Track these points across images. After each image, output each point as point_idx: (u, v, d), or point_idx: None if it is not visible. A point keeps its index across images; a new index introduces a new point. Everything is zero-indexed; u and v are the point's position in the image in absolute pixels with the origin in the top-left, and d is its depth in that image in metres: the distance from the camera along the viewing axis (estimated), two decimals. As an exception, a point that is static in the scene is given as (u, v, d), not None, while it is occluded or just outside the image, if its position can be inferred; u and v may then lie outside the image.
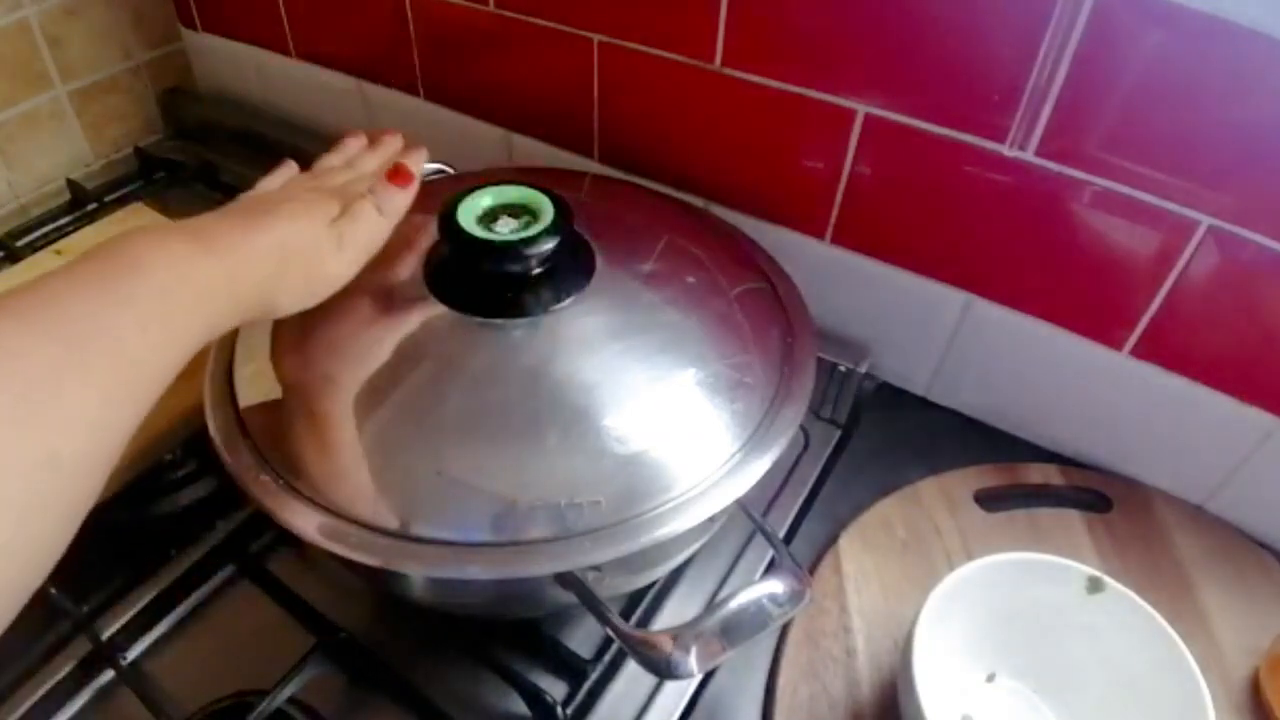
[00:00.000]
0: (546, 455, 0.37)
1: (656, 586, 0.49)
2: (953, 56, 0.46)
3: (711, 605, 0.35)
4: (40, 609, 0.47)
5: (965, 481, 0.55)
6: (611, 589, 0.44)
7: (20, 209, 0.80)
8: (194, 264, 0.32)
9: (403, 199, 0.41)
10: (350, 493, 0.37)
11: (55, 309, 0.28)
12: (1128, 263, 0.48)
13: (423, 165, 0.45)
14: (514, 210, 0.43)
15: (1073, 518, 0.53)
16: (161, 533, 0.51)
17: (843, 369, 0.57)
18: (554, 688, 0.45)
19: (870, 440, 0.58)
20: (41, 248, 0.66)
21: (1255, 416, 0.49)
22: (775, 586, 0.35)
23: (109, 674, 0.46)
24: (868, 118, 0.51)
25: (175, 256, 0.31)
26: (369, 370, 0.40)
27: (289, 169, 0.45)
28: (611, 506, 0.36)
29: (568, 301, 0.41)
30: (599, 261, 0.44)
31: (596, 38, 0.59)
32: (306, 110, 0.84)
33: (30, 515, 0.25)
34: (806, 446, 0.58)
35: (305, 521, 0.37)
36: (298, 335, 0.42)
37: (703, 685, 0.46)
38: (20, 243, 0.73)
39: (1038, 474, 0.55)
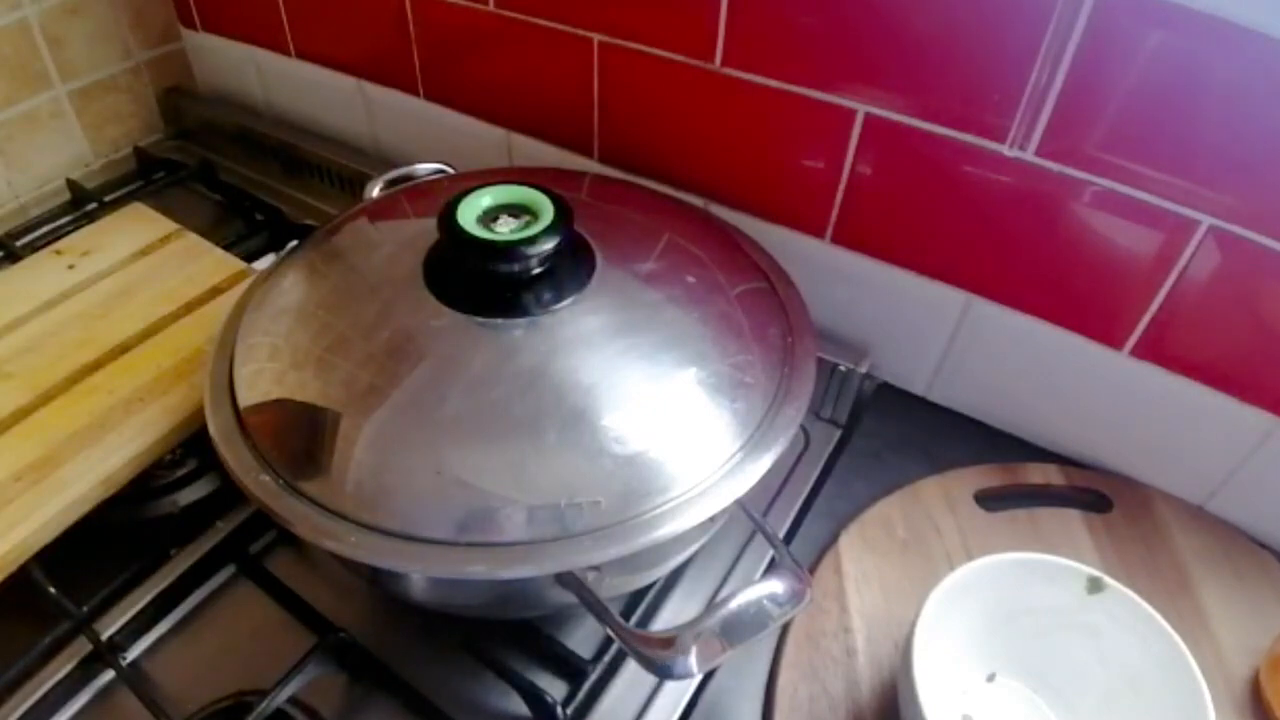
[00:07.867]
0: (546, 455, 0.37)
1: (656, 586, 0.49)
2: (953, 56, 0.46)
3: (711, 605, 0.35)
4: (40, 609, 0.47)
5: (965, 481, 0.55)
6: (611, 589, 0.44)
7: (20, 209, 0.80)
8: None
9: None
10: (350, 492, 0.37)
11: None
12: (1128, 262, 0.48)
13: None
14: (514, 210, 0.43)
15: (1073, 518, 0.52)
16: (161, 533, 0.51)
17: (843, 369, 0.58)
18: (554, 688, 0.45)
19: (870, 440, 0.58)
20: (41, 248, 0.66)
21: (1255, 416, 0.49)
22: (775, 586, 0.35)
23: (109, 674, 0.46)
24: (868, 118, 0.51)
25: None
26: (369, 370, 0.40)
27: None
28: (611, 506, 0.36)
29: (568, 301, 0.41)
30: (599, 261, 0.44)
31: (596, 38, 0.59)
32: (306, 110, 0.84)
33: None
34: (806, 446, 0.58)
35: (305, 521, 0.37)
36: (297, 335, 0.42)
37: (703, 685, 0.46)
38: (20, 242, 0.73)
39: (1038, 474, 0.55)
